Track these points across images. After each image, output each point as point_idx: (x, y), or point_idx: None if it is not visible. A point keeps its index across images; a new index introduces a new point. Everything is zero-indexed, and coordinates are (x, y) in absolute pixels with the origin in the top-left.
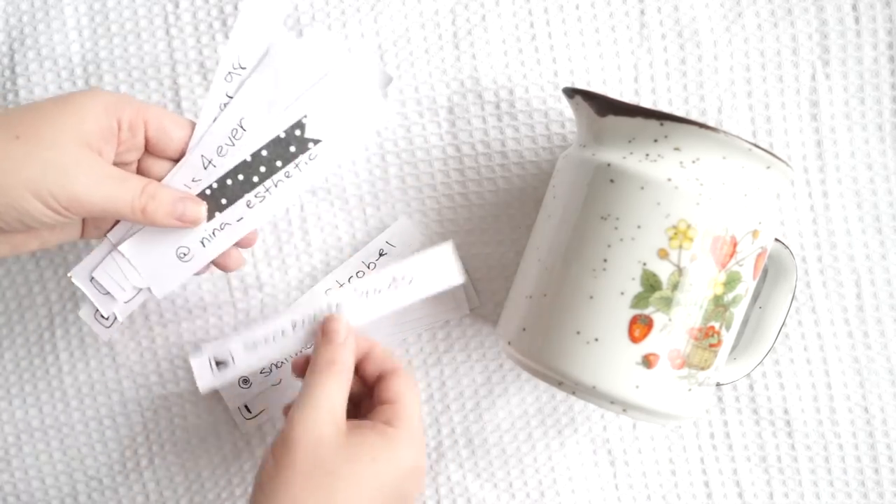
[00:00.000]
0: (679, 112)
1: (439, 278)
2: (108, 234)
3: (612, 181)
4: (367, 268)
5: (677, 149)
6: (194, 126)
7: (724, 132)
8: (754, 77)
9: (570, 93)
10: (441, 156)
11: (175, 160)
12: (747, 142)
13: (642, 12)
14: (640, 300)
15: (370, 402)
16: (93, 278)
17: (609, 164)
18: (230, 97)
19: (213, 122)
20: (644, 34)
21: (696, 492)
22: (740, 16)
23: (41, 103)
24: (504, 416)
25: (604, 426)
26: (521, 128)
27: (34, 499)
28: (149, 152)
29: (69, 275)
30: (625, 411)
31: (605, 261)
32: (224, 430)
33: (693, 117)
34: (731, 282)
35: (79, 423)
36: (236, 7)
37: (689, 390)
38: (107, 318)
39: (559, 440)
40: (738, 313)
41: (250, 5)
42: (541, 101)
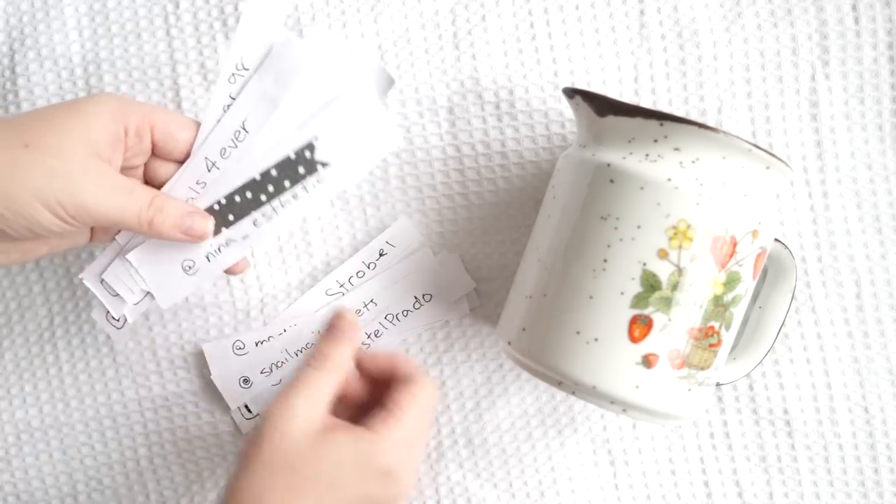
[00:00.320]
0: (679, 112)
1: (455, 288)
2: (117, 237)
3: (611, 181)
4: (368, 268)
5: (677, 149)
6: (199, 126)
7: (724, 132)
8: (754, 77)
9: (570, 93)
10: (441, 156)
11: (180, 162)
12: (747, 142)
13: (642, 12)
14: (639, 300)
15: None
16: (103, 280)
17: (609, 164)
18: (233, 98)
19: (217, 123)
20: (644, 34)
21: (696, 492)
22: (740, 16)
23: (48, 110)
24: (504, 416)
25: (604, 426)
26: (521, 128)
27: (34, 499)
28: (155, 155)
29: (80, 276)
30: (625, 411)
31: (605, 261)
32: (224, 430)
33: (693, 117)
34: (731, 282)
35: (79, 423)
36: (236, 7)
37: (689, 390)
38: (118, 320)
39: (559, 440)
40: (738, 313)
41: (252, 6)
42: (541, 101)
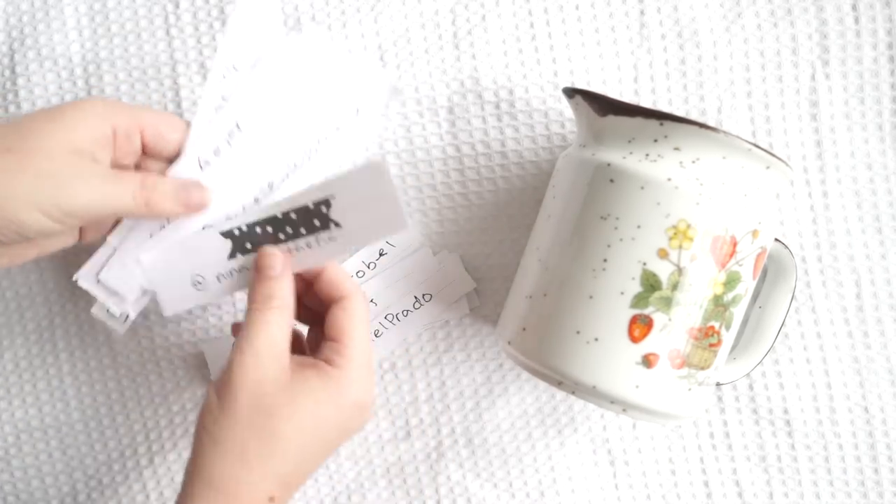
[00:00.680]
0: (679, 112)
1: (455, 288)
2: (109, 237)
3: (612, 181)
4: (368, 268)
5: (677, 149)
6: (188, 126)
7: (724, 132)
8: (754, 77)
9: (570, 93)
10: (441, 156)
11: (172, 161)
12: (747, 142)
13: (642, 12)
14: (639, 300)
15: (320, 332)
16: (99, 280)
17: (609, 164)
18: (225, 99)
19: (209, 123)
20: (644, 34)
21: (696, 492)
22: (740, 16)
23: (32, 116)
24: (504, 416)
25: (604, 426)
26: (521, 128)
27: (34, 499)
28: (146, 155)
29: (74, 278)
30: (625, 411)
31: (605, 261)
32: None
33: (693, 117)
34: (731, 282)
35: (79, 423)
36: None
37: (689, 390)
38: (119, 316)
39: (559, 440)
40: (738, 313)
41: (242, 6)
42: (541, 101)
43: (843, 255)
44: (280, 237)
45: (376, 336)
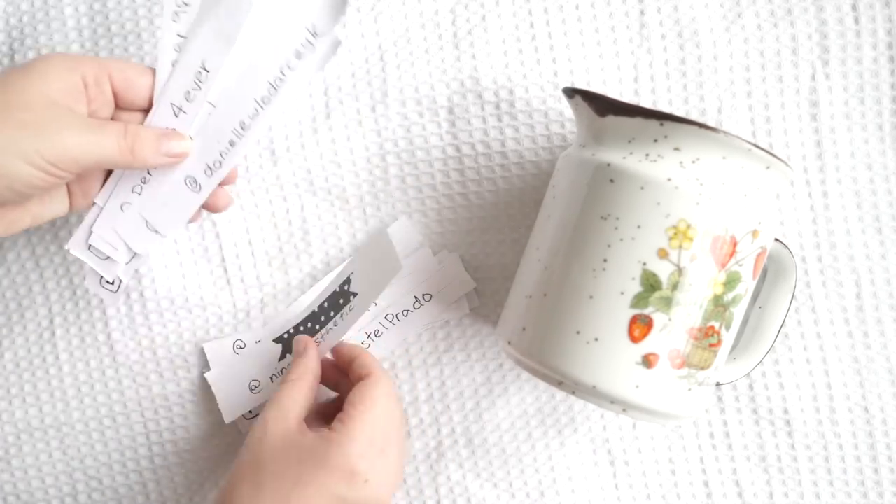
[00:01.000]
0: (679, 112)
1: (455, 288)
2: (96, 199)
3: (612, 181)
4: None
5: (677, 149)
6: (154, 71)
7: (724, 132)
8: (754, 77)
9: (570, 93)
10: (441, 156)
11: (146, 110)
12: (747, 142)
13: (642, 12)
14: (639, 300)
15: None
16: (90, 246)
17: (609, 164)
18: (182, 36)
19: (173, 66)
20: (644, 34)
21: (696, 492)
22: (740, 16)
23: (3, 73)
24: (504, 416)
25: (604, 426)
26: (521, 128)
27: (34, 499)
28: (119, 107)
29: (66, 247)
30: (625, 411)
31: (605, 261)
32: (224, 430)
33: (693, 117)
34: (731, 282)
35: (79, 422)
36: None
37: (689, 390)
38: (112, 283)
39: (559, 440)
40: (738, 313)
41: None
42: (541, 101)
43: (843, 255)
44: (316, 328)
45: (376, 336)
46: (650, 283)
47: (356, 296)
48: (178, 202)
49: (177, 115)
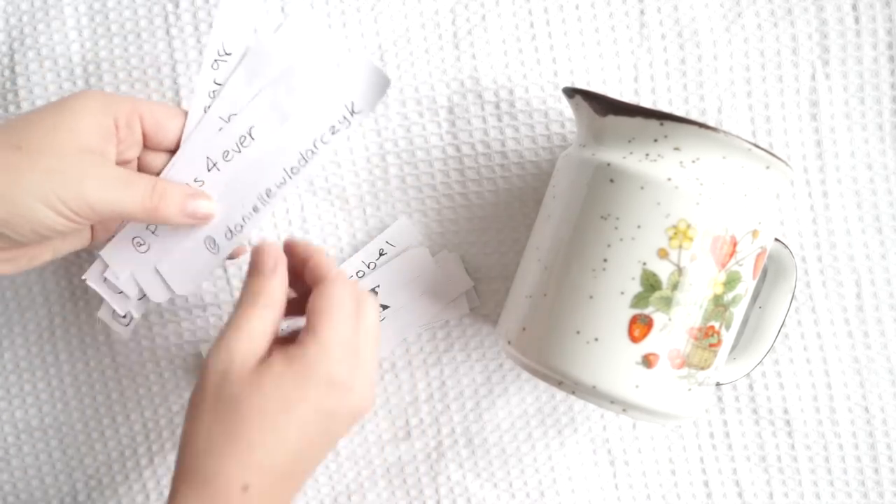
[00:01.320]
0: (679, 112)
1: (453, 287)
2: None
3: (612, 181)
4: (367, 268)
5: (677, 149)
6: (186, 115)
7: (724, 132)
8: (754, 77)
9: (570, 93)
10: (441, 156)
11: (172, 151)
12: (747, 142)
13: (642, 12)
14: (639, 300)
15: None
16: (105, 279)
17: (609, 164)
18: (218, 84)
19: (205, 111)
20: (644, 34)
21: (696, 492)
22: (740, 16)
23: (38, 112)
24: (504, 416)
25: (604, 426)
26: (521, 128)
27: (34, 499)
28: (146, 147)
29: (83, 277)
30: (625, 411)
31: (605, 261)
32: None
33: (693, 117)
34: (731, 281)
35: (79, 422)
36: None
37: (689, 390)
38: (124, 317)
39: (559, 440)
40: (738, 313)
41: None
42: (541, 101)
43: (843, 255)
44: None
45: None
46: (650, 283)
47: (387, 308)
48: (196, 263)
49: (209, 170)
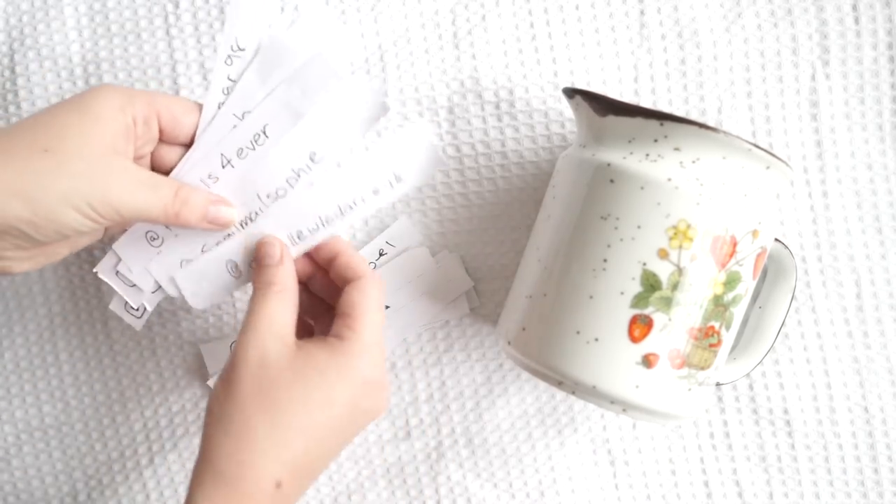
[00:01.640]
0: (679, 112)
1: (453, 287)
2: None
3: (612, 181)
4: None
5: (677, 149)
6: (201, 109)
7: (724, 132)
8: (754, 77)
9: (570, 93)
10: (441, 156)
11: (186, 145)
12: (747, 142)
13: (642, 12)
14: (639, 300)
15: (329, 323)
16: (118, 272)
17: (609, 164)
18: (232, 80)
19: (218, 108)
20: (644, 34)
21: (696, 492)
22: (740, 16)
23: (59, 112)
24: (504, 416)
25: (604, 426)
26: (521, 128)
27: (34, 499)
28: (161, 141)
29: (94, 270)
30: (625, 411)
31: (605, 261)
32: None
33: (693, 117)
34: (731, 282)
35: (79, 422)
36: None
37: (689, 390)
38: (137, 310)
39: (559, 440)
40: (738, 313)
41: None
42: (541, 101)
43: (843, 255)
44: None
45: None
46: (650, 283)
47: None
48: (216, 282)
49: (223, 167)
